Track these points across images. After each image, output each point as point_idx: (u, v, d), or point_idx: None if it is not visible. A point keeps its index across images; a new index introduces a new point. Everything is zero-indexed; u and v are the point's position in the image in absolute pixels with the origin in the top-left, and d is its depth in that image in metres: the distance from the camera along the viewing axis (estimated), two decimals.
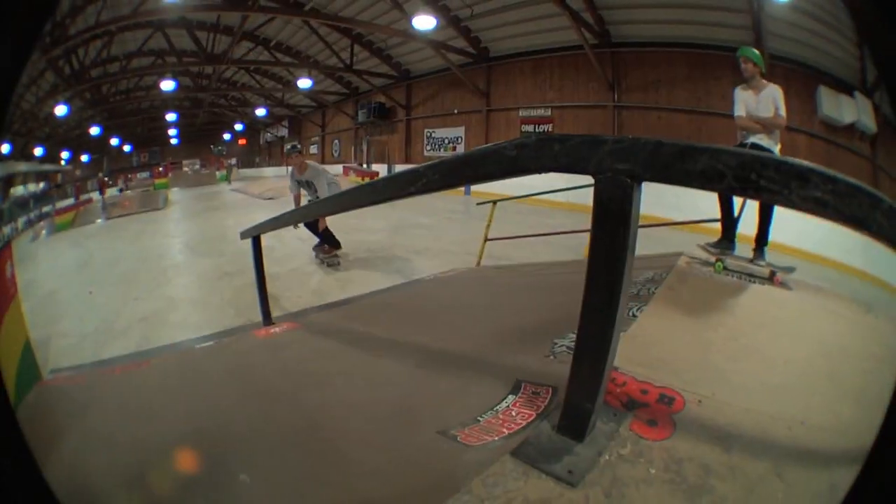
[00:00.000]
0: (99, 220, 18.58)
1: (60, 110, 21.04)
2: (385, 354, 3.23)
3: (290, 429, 2.31)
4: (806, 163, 1.40)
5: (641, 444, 1.85)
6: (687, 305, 3.82)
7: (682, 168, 1.58)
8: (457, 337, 3.35)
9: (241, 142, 35.58)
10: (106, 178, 28.43)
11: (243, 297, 6.10)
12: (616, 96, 15.73)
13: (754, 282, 4.95)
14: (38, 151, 22.58)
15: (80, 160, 28.78)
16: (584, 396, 1.77)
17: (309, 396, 2.71)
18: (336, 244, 8.24)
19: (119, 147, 31.27)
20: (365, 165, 24.05)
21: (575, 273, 1.86)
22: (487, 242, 7.03)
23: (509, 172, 1.96)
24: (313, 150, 30.76)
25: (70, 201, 22.48)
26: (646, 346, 2.80)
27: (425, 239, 9.30)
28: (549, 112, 17.22)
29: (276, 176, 28.68)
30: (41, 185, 21.90)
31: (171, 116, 30.07)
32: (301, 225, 7.79)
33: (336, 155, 28.36)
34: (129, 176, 30.26)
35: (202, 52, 20.37)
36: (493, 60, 18.57)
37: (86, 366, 4.68)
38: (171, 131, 32.74)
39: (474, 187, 13.38)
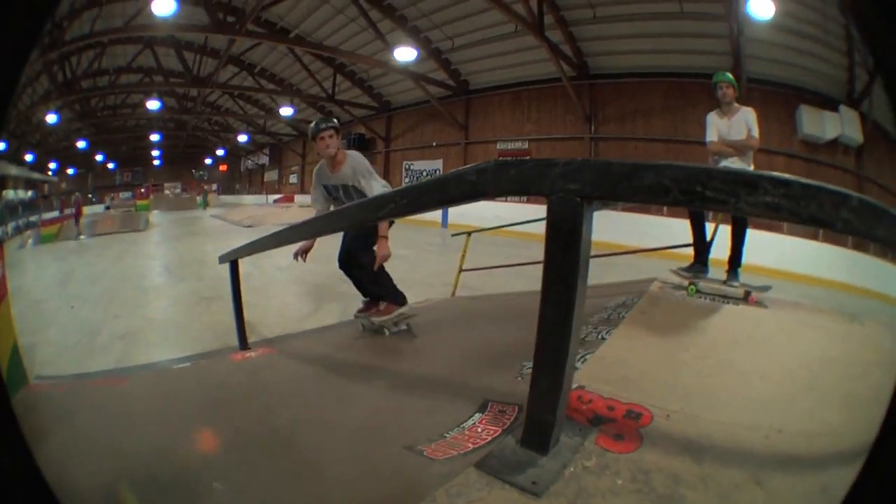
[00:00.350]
0: (82, 237, 18.69)
1: (51, 118, 21.28)
2: (358, 378, 3.29)
3: (263, 444, 2.34)
4: (757, 171, 1.46)
5: (607, 456, 1.88)
6: (658, 327, 3.88)
7: (629, 185, 1.66)
8: (428, 362, 3.43)
9: (222, 168, 35.67)
10: (90, 195, 28.48)
11: (220, 320, 6.10)
12: (593, 128, 15.96)
13: (728, 302, 4.99)
14: (28, 157, 22.72)
15: (66, 173, 28.83)
16: (544, 409, 1.81)
17: (282, 414, 2.74)
18: (399, 298, 4.99)
19: (104, 163, 31.35)
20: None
21: None
22: (462, 273, 7.02)
23: (470, 196, 2.04)
24: (293, 179, 30.85)
25: (55, 214, 22.74)
26: (614, 365, 2.85)
27: (402, 270, 9.29)
28: (526, 145, 17.38)
29: (255, 204, 28.77)
30: (30, 193, 22.02)
31: (154, 137, 30.29)
32: (301, 257, 5.14)
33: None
34: (114, 195, 30.35)
35: (188, 74, 20.56)
36: (473, 93, 18.80)
37: (68, 377, 4.69)
38: (155, 152, 32.92)
39: (451, 220, 13.57)
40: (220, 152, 34.38)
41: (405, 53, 15.97)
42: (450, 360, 3.41)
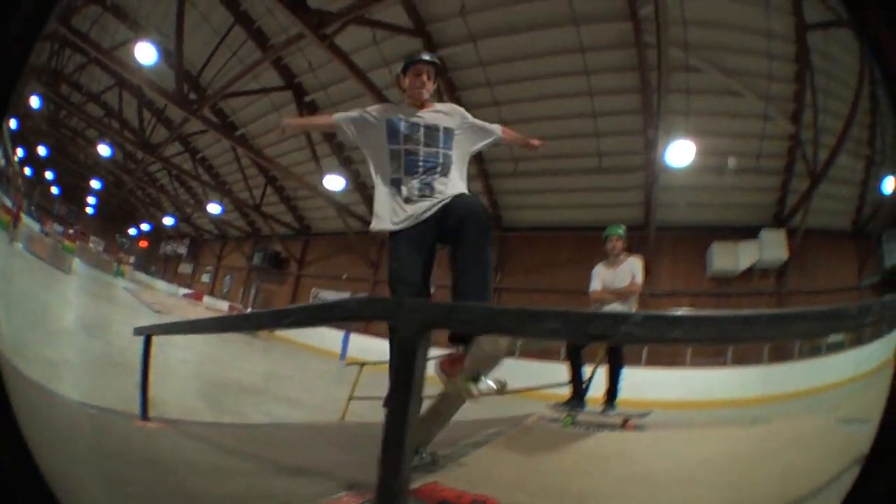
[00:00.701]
0: (17, 244, 18.24)
1: (34, 101, 20.55)
2: (249, 460, 3.60)
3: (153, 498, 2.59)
4: (542, 308, 2.01)
5: None
6: (524, 448, 4.25)
7: (450, 319, 2.25)
8: (311, 459, 3.75)
9: (143, 243, 34.84)
10: (32, 208, 27.69)
11: (123, 387, 6.22)
12: (498, 278, 16.00)
13: (604, 430, 5.36)
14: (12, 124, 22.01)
15: (24, 172, 27.88)
16: (390, 479, 2.15)
17: (176, 473, 3.00)
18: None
19: (50, 184, 30.43)
20: (250, 310, 23.40)
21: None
22: (353, 401, 7.21)
23: (350, 318, 2.64)
24: (205, 278, 30.31)
25: (9, 202, 22.03)
26: (470, 471, 3.25)
27: (297, 391, 9.54)
28: (433, 289, 17.39)
29: (166, 291, 28.31)
30: (3, 161, 21.44)
31: (95, 184, 29.55)
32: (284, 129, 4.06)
33: (225, 291, 27.93)
34: (51, 222, 29.50)
35: (140, 133, 20.19)
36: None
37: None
38: (91, 199, 32.06)
39: (352, 352, 13.81)
40: (145, 227, 33.81)
41: (334, 182, 16.22)
42: (329, 460, 3.75)
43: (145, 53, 14.29)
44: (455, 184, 3.56)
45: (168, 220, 30.44)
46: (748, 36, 11.15)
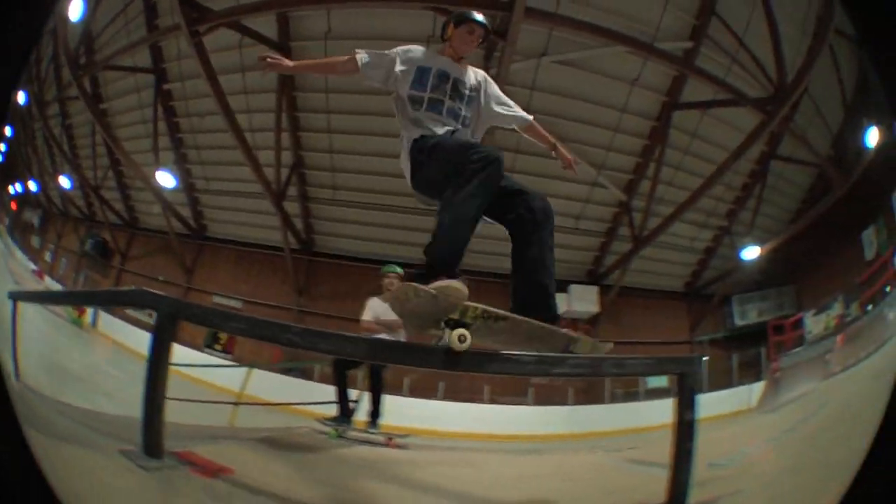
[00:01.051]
0: None
1: None
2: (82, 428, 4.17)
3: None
4: (236, 313, 3.28)
5: (192, 476, 3.08)
6: (280, 446, 4.87)
7: (188, 312, 3.23)
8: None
9: (13, 205, 32.08)
10: None
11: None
12: (303, 301, 16.35)
13: (367, 445, 6.10)
14: None
15: None
16: (148, 434, 3.08)
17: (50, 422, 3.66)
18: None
19: None
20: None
21: None
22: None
23: (129, 304, 4.13)
24: (48, 257, 28.14)
25: None
26: (225, 451, 3.98)
27: (114, 386, 9.12)
28: (240, 304, 16.53)
29: (22, 264, 26.69)
30: None
31: (7, 131, 26.88)
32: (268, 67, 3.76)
33: (60, 273, 26.20)
34: None
35: (40, 87, 18.66)
36: (207, 240, 18.23)
37: None
38: (1, 146, 29.26)
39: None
40: (18, 188, 31.59)
41: (166, 179, 15.87)
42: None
43: (75, 9, 13.77)
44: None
45: (33, 186, 28.66)
46: (600, 109, 12.13)
